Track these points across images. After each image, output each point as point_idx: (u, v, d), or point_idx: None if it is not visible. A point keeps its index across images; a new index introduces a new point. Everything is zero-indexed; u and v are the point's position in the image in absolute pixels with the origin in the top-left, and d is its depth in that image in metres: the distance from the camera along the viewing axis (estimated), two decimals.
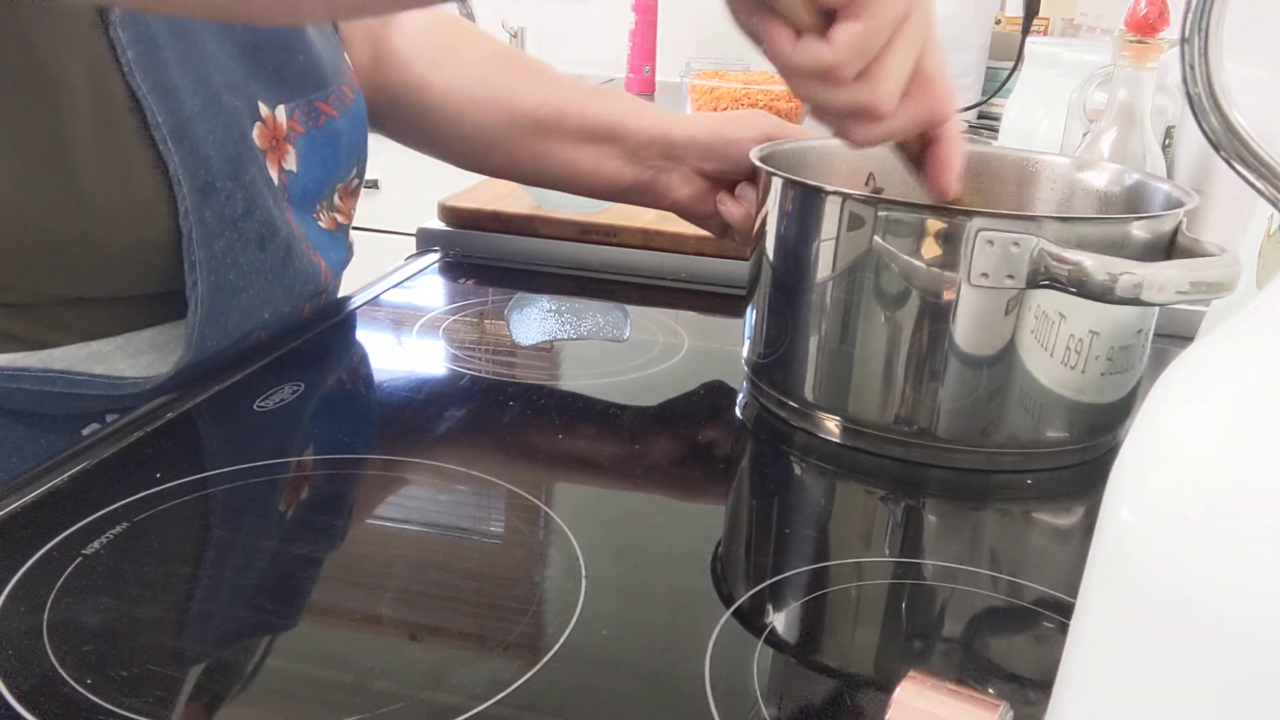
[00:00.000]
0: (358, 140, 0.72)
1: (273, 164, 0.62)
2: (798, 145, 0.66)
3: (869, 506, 0.53)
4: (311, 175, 0.66)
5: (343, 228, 0.72)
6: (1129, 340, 0.54)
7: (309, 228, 0.67)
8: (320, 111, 0.67)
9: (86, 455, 0.52)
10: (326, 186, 0.69)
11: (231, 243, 0.58)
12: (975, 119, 1.63)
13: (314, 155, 0.66)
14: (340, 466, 0.53)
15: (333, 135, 0.68)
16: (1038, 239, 0.50)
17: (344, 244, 0.72)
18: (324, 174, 0.68)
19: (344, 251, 0.73)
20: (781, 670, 0.39)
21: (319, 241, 0.68)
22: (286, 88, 0.64)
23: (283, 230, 0.62)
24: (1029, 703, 0.38)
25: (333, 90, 0.68)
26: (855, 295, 0.55)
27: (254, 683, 0.37)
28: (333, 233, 0.70)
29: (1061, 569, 0.48)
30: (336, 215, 0.72)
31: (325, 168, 0.68)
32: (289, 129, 0.64)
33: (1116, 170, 0.65)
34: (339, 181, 0.71)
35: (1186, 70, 0.30)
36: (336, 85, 0.69)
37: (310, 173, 0.66)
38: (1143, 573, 0.22)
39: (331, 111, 0.68)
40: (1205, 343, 0.23)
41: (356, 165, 0.73)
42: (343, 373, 0.67)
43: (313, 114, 0.66)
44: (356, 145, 0.72)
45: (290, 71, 0.64)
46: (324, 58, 0.69)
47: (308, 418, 0.59)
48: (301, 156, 0.65)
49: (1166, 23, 0.80)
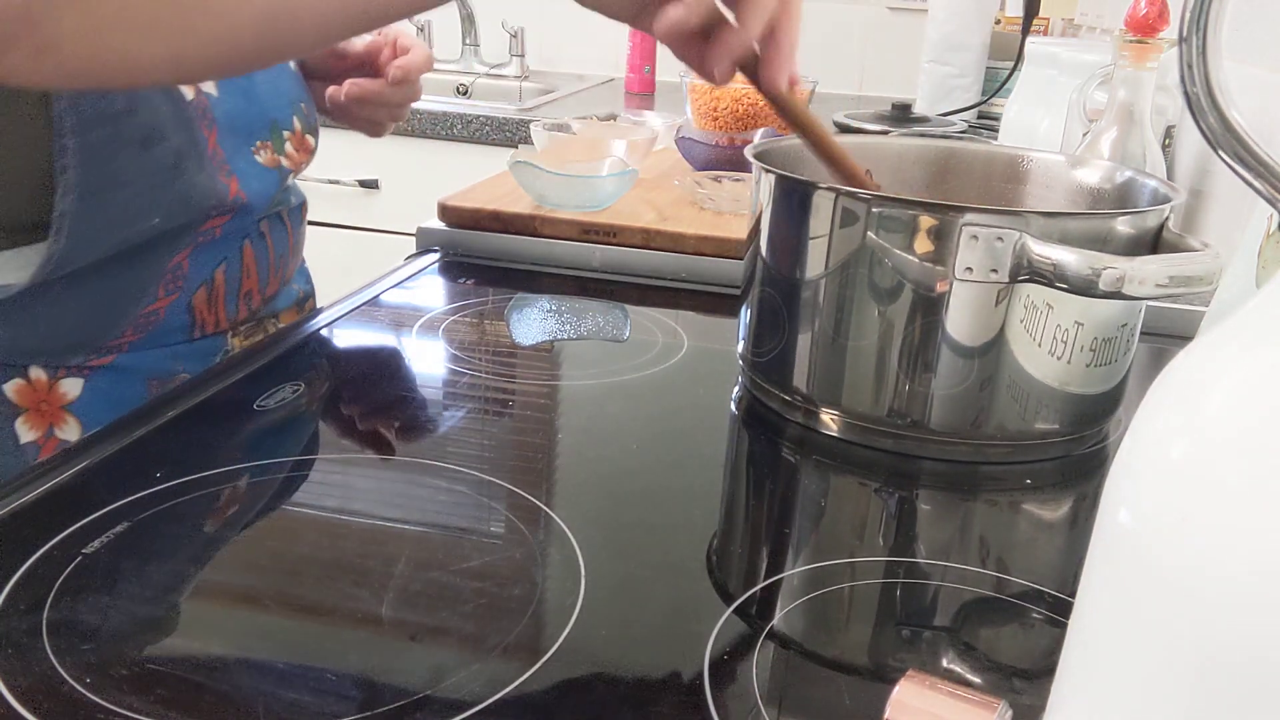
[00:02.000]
0: (279, 86, 0.76)
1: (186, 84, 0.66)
2: (793, 143, 0.66)
3: (866, 501, 0.54)
4: (234, 104, 0.70)
5: (283, 169, 0.75)
6: (1112, 333, 0.55)
7: (237, 154, 0.70)
8: None
9: (86, 455, 0.52)
10: (263, 124, 0.73)
11: (108, 137, 0.61)
12: (975, 119, 1.63)
13: (233, 85, 0.70)
14: (340, 466, 0.53)
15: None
16: (1021, 234, 0.50)
17: (278, 183, 0.75)
18: (248, 106, 0.72)
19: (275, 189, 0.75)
20: (781, 669, 0.39)
21: (244, 169, 0.71)
22: None
23: (175, 138, 0.64)
24: (1029, 694, 0.38)
25: None
26: (849, 290, 0.55)
27: (255, 682, 0.37)
28: (270, 169, 0.73)
29: (1060, 560, 0.48)
30: (282, 159, 0.75)
31: (249, 101, 0.72)
32: None
33: (1109, 167, 0.65)
34: (281, 126, 0.75)
35: (1185, 70, 0.30)
36: None
37: (233, 101, 0.70)
38: (1141, 572, 0.22)
39: None
40: (1204, 342, 0.23)
41: (294, 114, 0.77)
42: (343, 373, 0.67)
43: None
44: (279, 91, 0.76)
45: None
46: None
47: (308, 418, 0.59)
48: (220, 83, 0.69)
49: (1166, 23, 0.80)
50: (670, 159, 1.20)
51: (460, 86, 1.98)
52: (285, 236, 0.79)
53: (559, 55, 2.29)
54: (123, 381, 0.68)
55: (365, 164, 1.70)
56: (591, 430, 0.59)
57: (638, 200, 0.98)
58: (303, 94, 0.80)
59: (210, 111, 0.68)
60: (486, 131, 1.65)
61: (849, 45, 2.17)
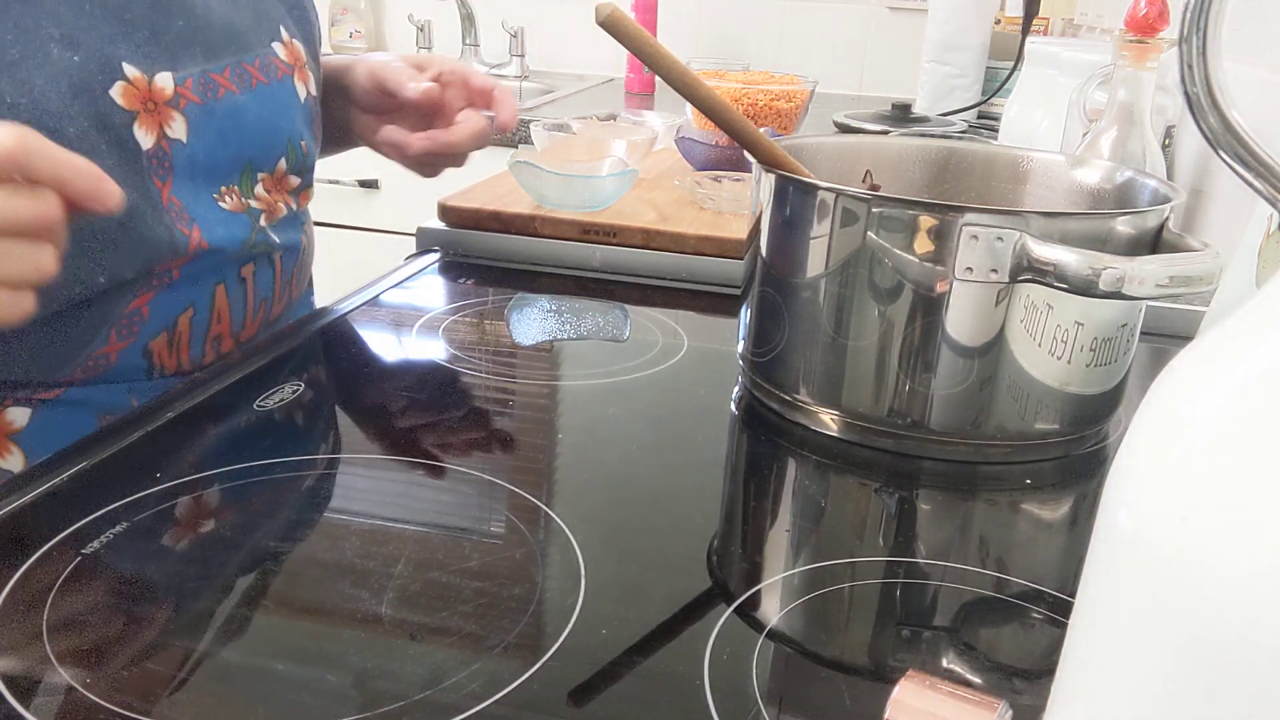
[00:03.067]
0: (276, 124, 0.70)
1: (149, 127, 0.61)
2: (792, 143, 0.66)
3: (866, 501, 0.54)
4: (204, 148, 0.64)
5: (253, 211, 0.69)
6: (1112, 333, 0.55)
7: (198, 201, 0.65)
8: (217, 84, 0.65)
9: (86, 455, 0.52)
10: (235, 167, 0.68)
11: None
12: (975, 119, 1.63)
13: (209, 128, 0.65)
14: (340, 466, 0.53)
15: (232, 110, 0.66)
16: (1021, 234, 0.50)
17: (249, 226, 0.69)
18: (223, 149, 0.66)
19: (246, 233, 0.69)
20: (780, 669, 0.39)
21: (205, 216, 0.65)
22: (169, 54, 0.63)
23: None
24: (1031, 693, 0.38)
25: (230, 63, 0.67)
26: (849, 290, 0.55)
27: (254, 682, 0.37)
28: (235, 213, 0.68)
29: (1060, 560, 0.48)
30: (251, 202, 0.69)
31: (225, 143, 0.66)
32: (178, 95, 0.62)
33: (1109, 167, 0.65)
34: (257, 167, 0.69)
35: (1185, 70, 0.30)
36: (241, 59, 0.67)
37: (203, 145, 0.64)
38: (1142, 571, 0.22)
39: (230, 85, 0.66)
40: (1204, 342, 0.23)
41: (285, 155, 0.72)
42: (343, 373, 0.67)
43: (208, 85, 0.65)
44: (275, 129, 0.70)
45: (169, 37, 0.63)
46: (225, 27, 0.67)
47: (308, 418, 0.59)
48: (194, 127, 0.64)
49: (1166, 23, 0.80)
50: (670, 159, 1.20)
51: None
52: (272, 281, 0.74)
53: (559, 55, 2.29)
54: (72, 414, 0.64)
55: (365, 164, 1.70)
56: (591, 430, 0.59)
57: (638, 200, 0.98)
58: (304, 128, 0.74)
59: (169, 160, 0.62)
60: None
61: (849, 45, 2.17)
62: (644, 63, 0.56)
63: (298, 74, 0.74)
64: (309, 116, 0.75)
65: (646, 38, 0.56)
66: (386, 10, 2.35)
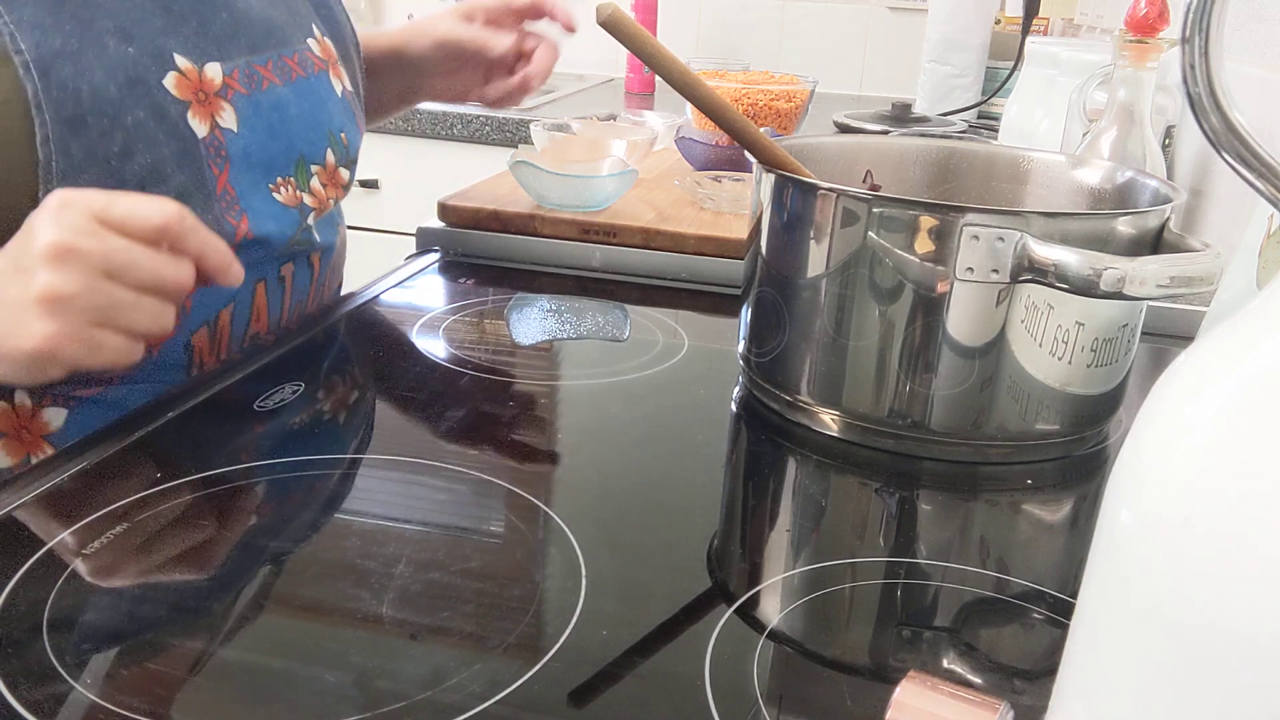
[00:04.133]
0: (317, 117, 0.73)
1: (201, 117, 0.63)
2: (791, 143, 0.66)
3: (866, 501, 0.54)
4: (255, 139, 0.67)
5: (304, 208, 0.71)
6: (1113, 334, 0.55)
7: (252, 191, 0.67)
8: (261, 76, 0.68)
9: (86, 455, 0.52)
10: (288, 159, 0.70)
11: (102, 179, 0.57)
12: (975, 119, 1.63)
13: (257, 119, 0.67)
14: (340, 466, 0.53)
15: (277, 103, 0.68)
16: (1022, 234, 0.50)
17: (297, 222, 0.71)
18: (274, 141, 0.68)
19: (294, 229, 0.70)
20: (781, 669, 0.39)
21: (257, 208, 0.67)
22: (217, 45, 0.65)
23: (178, 178, 0.61)
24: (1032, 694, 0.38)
25: (272, 56, 0.69)
26: (849, 290, 0.55)
27: (254, 682, 0.37)
28: (289, 208, 0.69)
29: (1061, 560, 0.48)
30: (305, 196, 0.71)
31: (273, 134, 0.68)
32: (226, 86, 0.65)
33: (1110, 168, 0.65)
34: (310, 159, 0.71)
35: (1187, 70, 0.30)
36: (281, 52, 0.70)
37: (254, 136, 0.66)
38: (1143, 572, 0.22)
39: (273, 77, 0.69)
40: (1205, 342, 0.23)
41: (330, 147, 0.74)
42: (343, 373, 0.67)
43: (253, 77, 0.67)
44: (316, 122, 0.73)
45: (216, 29, 0.65)
46: (264, 22, 0.70)
47: (308, 418, 0.59)
48: (243, 118, 0.66)
49: (1166, 22, 0.80)
50: (670, 159, 1.20)
51: None
52: (309, 282, 0.75)
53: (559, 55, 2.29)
54: (109, 415, 0.62)
55: (365, 164, 1.69)
56: (591, 430, 0.59)
57: (638, 200, 0.98)
58: (345, 121, 0.77)
59: (225, 148, 0.65)
60: (486, 131, 1.65)
61: (849, 45, 2.17)
62: (644, 63, 0.56)
63: (332, 69, 0.76)
64: (348, 110, 0.77)
65: (646, 38, 0.56)
66: (387, 10, 2.35)
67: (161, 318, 0.53)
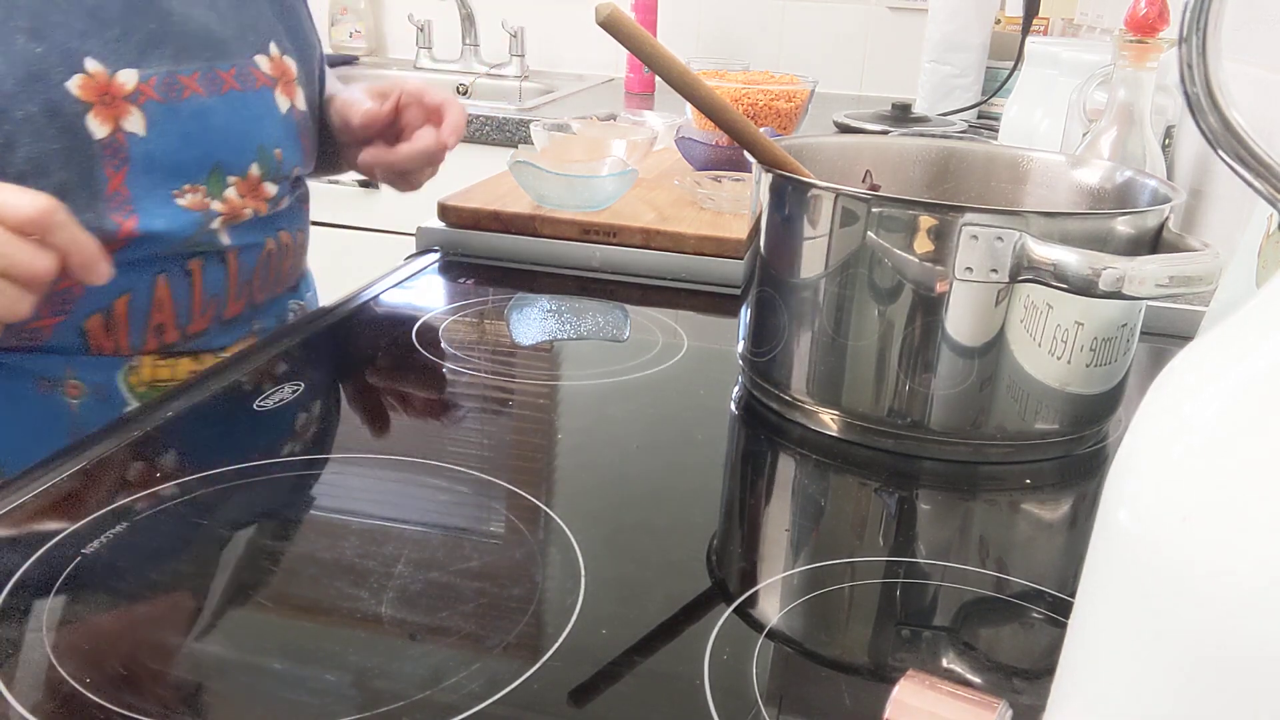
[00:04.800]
0: (247, 130, 0.73)
1: (104, 119, 0.64)
2: (791, 143, 0.66)
3: (866, 501, 0.54)
4: (165, 145, 0.67)
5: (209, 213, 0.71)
6: (1112, 333, 0.55)
7: (149, 194, 0.67)
8: (182, 85, 0.69)
9: (86, 455, 0.52)
10: (198, 165, 0.70)
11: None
12: (975, 119, 1.63)
13: (171, 126, 0.68)
14: (340, 466, 0.53)
15: (198, 112, 0.69)
16: (1021, 234, 0.50)
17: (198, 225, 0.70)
18: (184, 147, 0.69)
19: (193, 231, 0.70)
20: (780, 669, 0.39)
21: (150, 209, 0.67)
22: (137, 53, 0.66)
23: (60, 174, 0.63)
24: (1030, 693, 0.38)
25: (200, 68, 0.70)
26: (849, 290, 0.55)
27: (254, 682, 0.37)
28: (191, 211, 0.70)
29: (1060, 560, 0.48)
30: (213, 203, 0.71)
31: (187, 142, 0.69)
32: (138, 92, 0.66)
33: (1109, 167, 0.65)
34: (226, 170, 0.72)
35: (1185, 70, 0.30)
36: (215, 65, 0.71)
37: (164, 141, 0.67)
38: (1142, 571, 0.22)
39: (196, 88, 0.70)
40: (1204, 342, 0.23)
41: (256, 160, 0.74)
42: (343, 373, 0.67)
43: (173, 86, 0.68)
44: (245, 134, 0.73)
45: (139, 37, 0.66)
46: (202, 35, 0.70)
47: (308, 418, 0.59)
48: (154, 123, 0.67)
49: (1166, 22, 0.80)
50: (670, 159, 1.20)
51: (460, 86, 1.98)
52: (224, 278, 0.74)
53: (559, 55, 2.29)
54: (9, 380, 0.67)
55: None
56: (591, 430, 0.59)
57: (638, 200, 0.98)
58: (285, 139, 0.77)
59: (125, 150, 0.65)
60: (486, 131, 1.65)
61: (849, 45, 2.17)
62: (644, 63, 0.56)
63: (282, 88, 0.77)
64: (290, 128, 0.78)
65: (646, 38, 0.56)
66: (386, 10, 2.35)
67: (17, 304, 0.54)
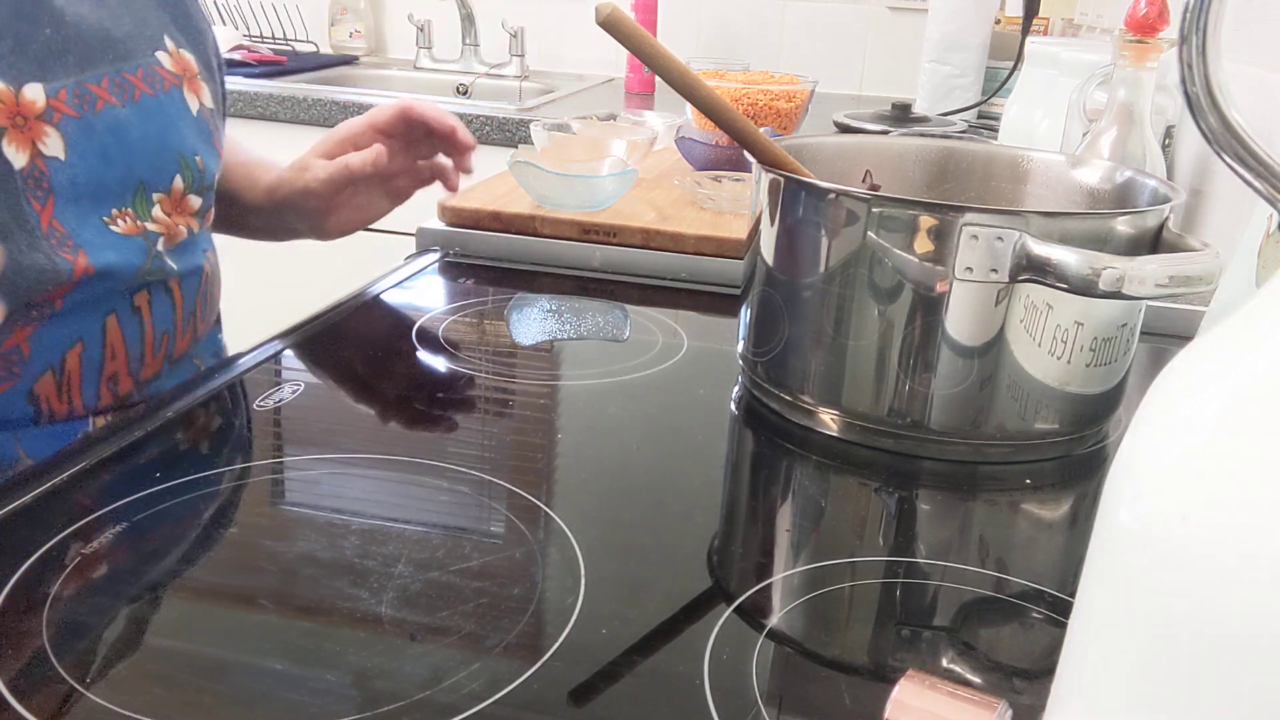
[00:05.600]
0: (165, 139, 0.65)
1: (19, 145, 0.56)
2: (791, 143, 0.66)
3: (866, 501, 0.54)
4: (86, 168, 0.60)
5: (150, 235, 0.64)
6: (1112, 333, 0.55)
7: (85, 224, 0.60)
8: (94, 95, 0.61)
9: (86, 455, 0.52)
10: (125, 187, 0.63)
11: None
12: (975, 119, 1.63)
13: (89, 145, 0.60)
14: (340, 466, 0.53)
15: (114, 125, 0.61)
16: (1021, 233, 0.50)
17: (144, 251, 0.64)
18: (108, 169, 0.61)
19: (142, 259, 0.64)
20: (780, 669, 0.39)
21: (94, 241, 0.60)
22: (38, 64, 0.58)
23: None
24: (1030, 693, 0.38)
25: (108, 73, 0.62)
26: (849, 290, 0.55)
27: (254, 682, 0.37)
28: (129, 236, 0.63)
29: (1060, 560, 0.48)
30: (148, 224, 0.64)
31: (107, 161, 0.61)
32: (51, 109, 0.58)
33: (1109, 167, 0.65)
34: (151, 187, 0.64)
35: (1185, 69, 0.30)
36: (121, 68, 0.63)
37: (84, 164, 0.59)
38: (1141, 571, 0.22)
39: (109, 97, 0.61)
40: (1203, 342, 0.23)
41: (179, 172, 0.66)
42: (342, 373, 0.67)
43: (85, 97, 0.60)
44: (164, 144, 0.65)
45: (37, 46, 0.58)
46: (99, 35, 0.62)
47: (308, 418, 0.59)
48: (72, 143, 0.59)
49: (1166, 22, 0.80)
50: (670, 159, 1.20)
51: (460, 86, 1.98)
52: (171, 310, 0.68)
53: (559, 55, 2.29)
54: None
55: None
56: (591, 430, 0.59)
57: (638, 200, 0.98)
58: (200, 143, 0.69)
59: (48, 180, 0.57)
60: (486, 131, 1.65)
61: (849, 45, 2.17)
62: (644, 63, 0.56)
63: (188, 85, 0.69)
64: (204, 131, 0.70)
65: (646, 38, 0.56)
66: (386, 10, 2.35)
67: None
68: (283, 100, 1.71)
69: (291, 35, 2.29)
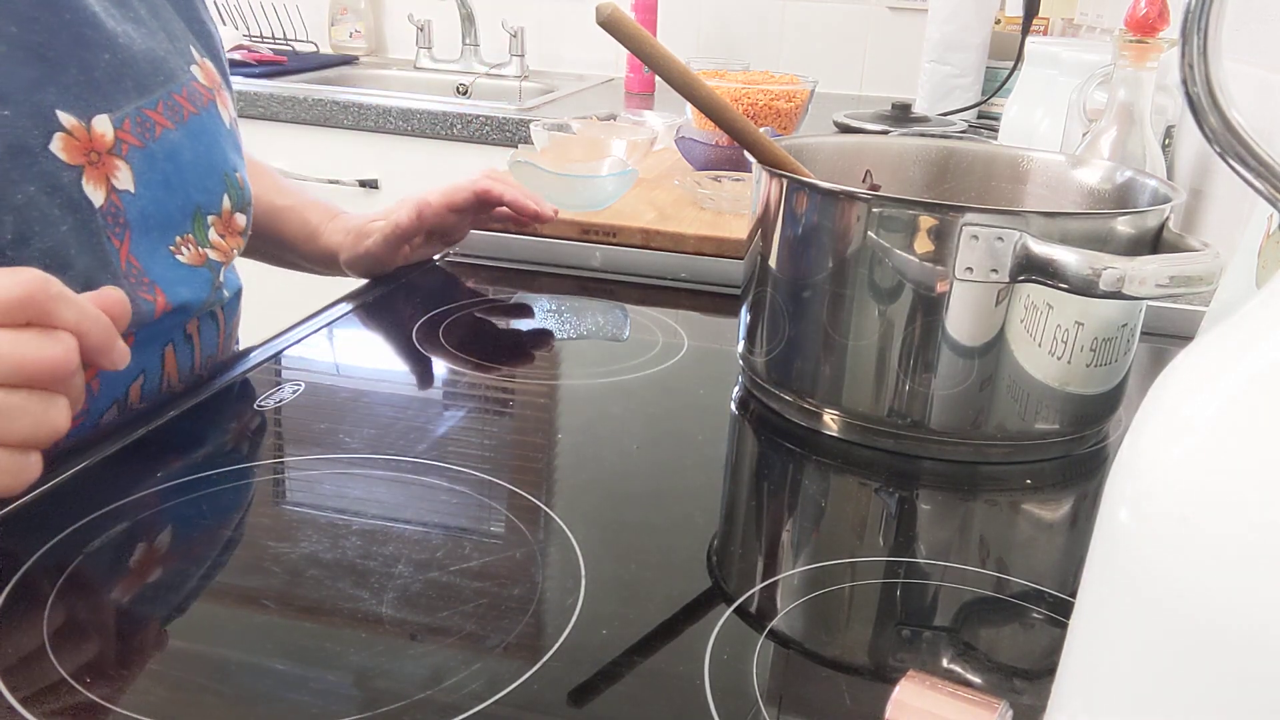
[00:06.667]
0: (212, 159, 0.63)
1: (96, 182, 0.54)
2: (791, 143, 0.66)
3: (866, 501, 0.54)
4: (154, 198, 0.58)
5: (212, 264, 0.63)
6: (1112, 333, 0.55)
7: (155, 258, 0.58)
8: (153, 121, 0.59)
9: (87, 454, 0.52)
10: (185, 214, 0.61)
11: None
12: (975, 119, 1.63)
13: (154, 174, 0.58)
14: (340, 466, 0.53)
15: (172, 151, 0.60)
16: (1022, 233, 0.50)
17: (210, 281, 0.63)
18: (170, 197, 0.59)
19: (209, 290, 0.63)
20: (780, 669, 0.39)
21: (166, 276, 0.59)
22: (102, 93, 0.55)
23: (81, 260, 0.53)
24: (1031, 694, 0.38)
25: (161, 96, 0.60)
26: (849, 290, 0.55)
27: (254, 682, 0.37)
28: (196, 268, 0.61)
29: (1060, 560, 0.48)
30: (209, 252, 0.63)
31: (170, 190, 0.59)
32: (119, 141, 0.56)
33: (1109, 167, 0.65)
34: (206, 210, 0.63)
35: (1186, 70, 0.30)
36: (170, 89, 0.61)
37: (152, 194, 0.58)
38: (1141, 571, 0.22)
39: (165, 121, 0.59)
40: (1204, 342, 0.23)
41: (226, 191, 0.65)
42: (343, 373, 0.67)
43: (145, 124, 0.58)
44: (211, 165, 0.63)
45: (99, 74, 0.56)
46: (148, 56, 0.60)
47: (308, 418, 0.59)
48: (140, 175, 0.57)
49: (1166, 22, 0.80)
50: (670, 159, 1.20)
51: (460, 86, 1.98)
52: (216, 334, 0.67)
53: (559, 55, 2.29)
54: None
55: (365, 164, 1.70)
56: (591, 430, 0.59)
57: (638, 200, 0.98)
58: (236, 157, 0.67)
59: (123, 215, 0.55)
60: (486, 131, 1.65)
61: (849, 45, 2.17)
62: (644, 62, 0.56)
63: (218, 96, 0.66)
64: (236, 144, 0.68)
65: (646, 38, 0.56)
66: (386, 10, 2.35)
67: (48, 416, 0.42)
68: (283, 100, 1.71)
69: (291, 35, 2.29)
